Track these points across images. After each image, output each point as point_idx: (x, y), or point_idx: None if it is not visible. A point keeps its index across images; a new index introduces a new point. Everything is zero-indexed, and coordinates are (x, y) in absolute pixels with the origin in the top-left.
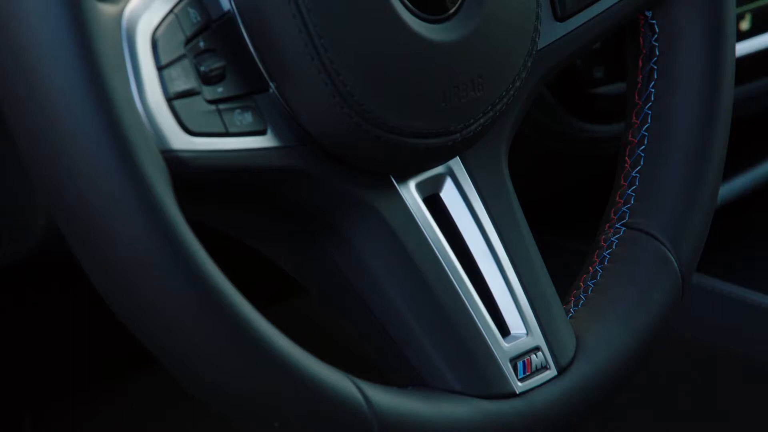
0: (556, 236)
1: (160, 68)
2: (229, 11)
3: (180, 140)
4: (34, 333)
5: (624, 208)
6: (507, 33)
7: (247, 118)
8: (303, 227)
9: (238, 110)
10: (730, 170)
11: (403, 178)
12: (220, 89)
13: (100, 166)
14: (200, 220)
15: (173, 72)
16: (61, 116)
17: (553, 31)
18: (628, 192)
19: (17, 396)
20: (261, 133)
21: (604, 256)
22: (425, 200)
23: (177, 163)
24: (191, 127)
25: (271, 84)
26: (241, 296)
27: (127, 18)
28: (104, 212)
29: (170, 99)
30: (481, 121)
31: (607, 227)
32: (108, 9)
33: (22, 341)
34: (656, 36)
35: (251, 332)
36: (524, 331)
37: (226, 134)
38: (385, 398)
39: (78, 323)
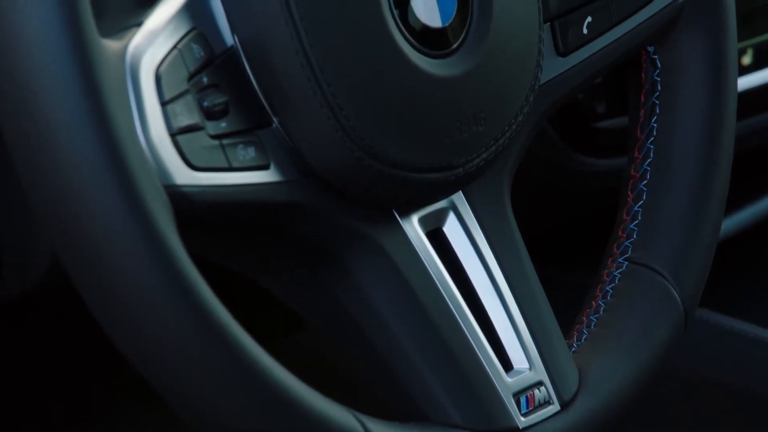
0: (559, 270)
1: (163, 103)
2: (232, 46)
3: (183, 175)
4: (35, 344)
5: (627, 243)
6: (509, 68)
7: (250, 153)
8: (305, 261)
9: (241, 145)
10: (733, 204)
11: (406, 213)
12: (223, 124)
13: (104, 201)
14: (203, 255)
15: (176, 107)
16: (65, 151)
17: (555, 66)
18: (631, 226)
19: (17, 396)
20: (264, 167)
21: (607, 291)
22: (428, 234)
23: (180, 198)
24: (194, 162)
25: (273, 119)
26: (243, 331)
27: (131, 54)
28: (107, 247)
29: (174, 134)
30: (484, 155)
31: (609, 261)
32: (112, 45)
33: (23, 355)
34: (658, 71)
35: (253, 367)
36: (527, 365)
37: (230, 169)
38: None
39: (78, 329)
